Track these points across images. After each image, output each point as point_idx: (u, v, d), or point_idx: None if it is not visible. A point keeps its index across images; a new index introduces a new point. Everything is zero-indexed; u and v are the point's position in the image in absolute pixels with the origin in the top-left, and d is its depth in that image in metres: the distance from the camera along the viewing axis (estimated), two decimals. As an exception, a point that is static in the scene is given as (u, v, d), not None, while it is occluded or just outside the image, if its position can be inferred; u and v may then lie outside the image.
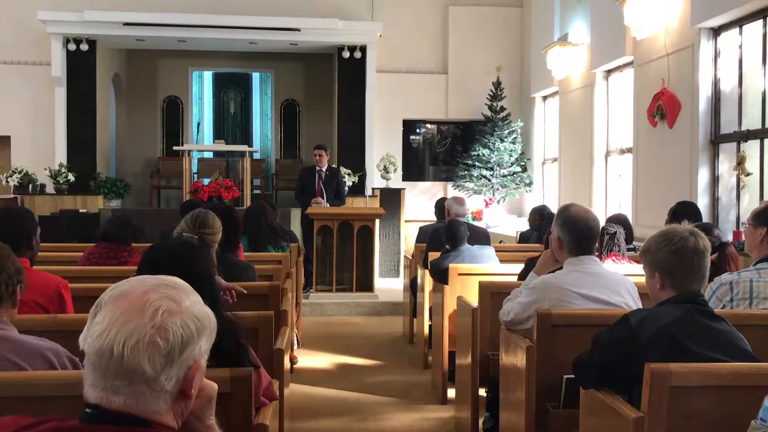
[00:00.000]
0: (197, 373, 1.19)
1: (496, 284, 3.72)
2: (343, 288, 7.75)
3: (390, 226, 9.52)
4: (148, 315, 1.14)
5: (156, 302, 1.16)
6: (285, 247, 5.32)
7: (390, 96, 11.38)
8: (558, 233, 2.88)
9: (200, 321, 1.20)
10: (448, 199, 6.02)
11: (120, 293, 1.18)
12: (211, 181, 9.63)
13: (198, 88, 13.09)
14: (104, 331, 1.13)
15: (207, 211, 3.09)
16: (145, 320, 1.14)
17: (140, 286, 1.19)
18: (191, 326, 1.18)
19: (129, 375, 1.12)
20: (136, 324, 1.14)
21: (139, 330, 1.13)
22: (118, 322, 1.14)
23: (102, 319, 1.15)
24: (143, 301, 1.16)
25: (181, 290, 1.21)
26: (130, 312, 1.15)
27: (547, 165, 10.98)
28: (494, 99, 10.95)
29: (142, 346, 1.13)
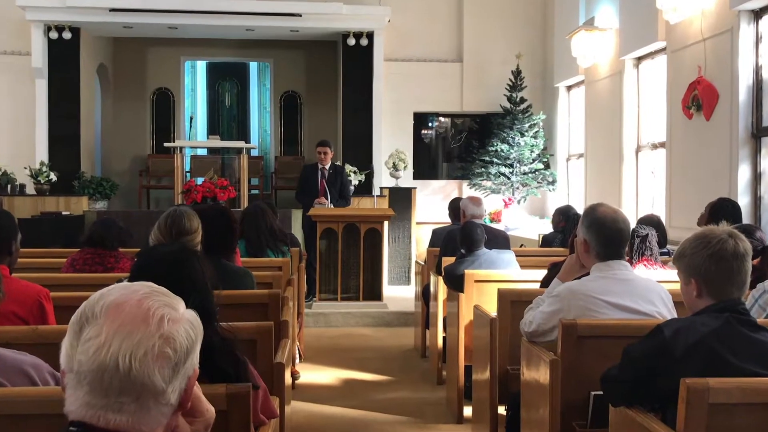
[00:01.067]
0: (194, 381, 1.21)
1: (516, 292, 3.71)
2: (349, 296, 7.75)
3: (400, 229, 9.51)
4: (154, 324, 1.15)
5: (158, 310, 1.17)
6: (286, 252, 5.33)
7: (399, 87, 11.39)
8: (584, 236, 2.87)
9: (195, 327, 1.22)
10: (464, 199, 6.01)
11: (112, 303, 1.17)
12: (205, 181, 9.66)
13: (191, 80, 13.15)
14: (103, 345, 1.13)
15: (180, 213, 3.08)
16: (151, 329, 1.15)
17: (132, 295, 1.19)
18: (191, 334, 1.20)
19: (137, 390, 1.12)
20: (143, 334, 1.14)
21: (146, 340, 1.14)
22: (119, 334, 1.13)
23: (97, 333, 1.14)
24: (144, 310, 1.16)
25: (171, 296, 1.23)
26: (132, 322, 1.15)
27: (572, 161, 10.95)
28: (514, 89, 10.94)
29: (152, 357, 1.13)
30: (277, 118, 12.96)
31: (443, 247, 5.66)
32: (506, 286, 4.07)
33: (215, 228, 3.41)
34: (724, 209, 4.45)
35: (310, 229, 7.93)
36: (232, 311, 2.89)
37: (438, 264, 5.53)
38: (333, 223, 7.70)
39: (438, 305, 5.51)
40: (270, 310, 3.32)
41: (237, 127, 13.34)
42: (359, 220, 7.73)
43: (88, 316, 1.17)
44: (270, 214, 5.37)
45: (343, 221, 7.71)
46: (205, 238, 3.29)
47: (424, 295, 6.25)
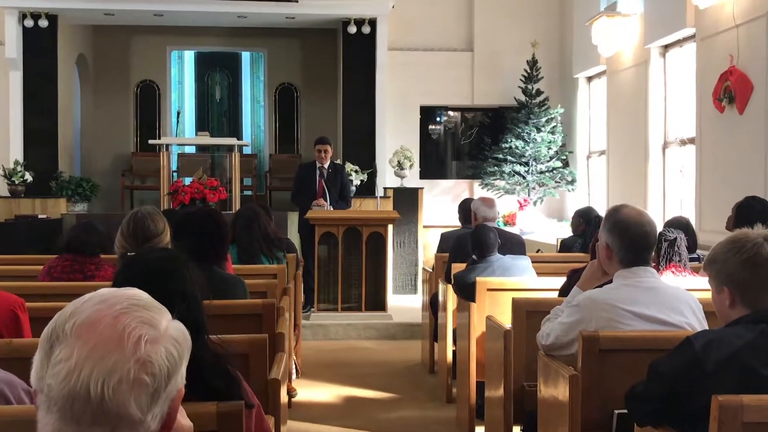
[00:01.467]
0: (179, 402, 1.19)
1: (532, 301, 3.71)
2: (351, 307, 7.75)
3: (405, 233, 9.51)
4: (129, 347, 1.12)
5: (135, 330, 1.14)
6: (281, 259, 5.33)
7: (405, 78, 11.40)
8: (607, 240, 2.87)
9: (180, 344, 1.19)
10: (475, 200, 6.01)
11: (85, 321, 1.14)
12: (194, 181, 9.67)
13: (178, 71, 13.18)
14: (73, 370, 1.10)
15: (142, 215, 3.08)
16: (126, 354, 1.12)
17: (107, 310, 1.16)
18: (174, 353, 1.17)
19: (111, 421, 1.10)
20: (116, 359, 1.11)
21: (120, 366, 1.11)
22: (91, 358, 1.11)
23: (67, 355, 1.11)
24: (118, 330, 1.14)
25: (153, 309, 1.20)
26: (105, 344, 1.12)
27: (592, 159, 10.94)
28: (529, 81, 10.94)
29: (127, 385, 1.10)
30: (271, 113, 12.98)
31: (453, 253, 5.66)
32: (522, 295, 4.06)
33: (204, 232, 3.41)
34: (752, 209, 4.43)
35: (307, 233, 7.93)
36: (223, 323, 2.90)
37: (447, 271, 5.53)
38: (332, 227, 7.71)
39: (447, 316, 5.51)
40: (264, 321, 3.31)
41: (228, 123, 13.36)
42: (361, 224, 7.73)
43: (59, 334, 1.14)
44: (264, 217, 5.37)
45: (343, 225, 7.71)
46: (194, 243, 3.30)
47: (432, 305, 6.24)
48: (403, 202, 9.50)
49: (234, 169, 10.17)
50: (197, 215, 3.52)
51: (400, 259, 9.50)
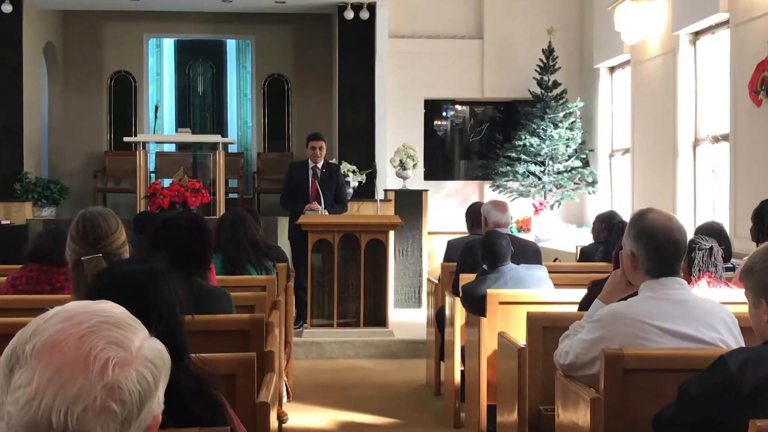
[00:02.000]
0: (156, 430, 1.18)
1: (549, 316, 3.71)
2: (348, 322, 7.75)
3: (408, 240, 9.51)
4: (95, 372, 1.11)
5: (102, 352, 1.13)
6: (270, 269, 5.33)
7: (407, 69, 11.41)
8: (632, 248, 2.87)
9: (156, 365, 1.18)
10: (485, 203, 6.00)
11: (47, 341, 1.13)
12: (173, 183, 9.67)
13: (156, 61, 13.19)
14: (34, 397, 1.09)
15: (90, 215, 3.07)
16: (92, 379, 1.11)
17: (72, 329, 1.15)
18: (148, 376, 1.16)
19: None
20: (81, 384, 1.10)
21: (86, 393, 1.10)
22: (53, 384, 1.10)
23: (28, 380, 1.10)
24: (84, 352, 1.13)
25: (125, 326, 1.19)
26: (69, 368, 1.11)
27: (615, 158, 10.94)
28: (545, 72, 10.95)
29: (92, 414, 1.10)
30: (259, 107, 12.99)
31: (461, 262, 5.66)
32: (537, 308, 4.06)
33: (185, 239, 3.41)
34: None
35: (299, 240, 7.93)
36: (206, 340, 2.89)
37: (455, 282, 5.53)
38: (327, 234, 7.70)
39: (455, 332, 5.50)
40: (252, 338, 3.31)
41: (211, 118, 13.37)
42: (359, 230, 7.73)
43: (19, 355, 1.13)
44: (252, 222, 5.37)
45: (339, 231, 7.71)
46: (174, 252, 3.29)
47: (438, 320, 6.24)
48: (405, 206, 9.49)
49: (218, 170, 10.17)
50: (177, 220, 3.51)
51: (403, 270, 9.49)
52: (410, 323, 8.41)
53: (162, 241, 3.41)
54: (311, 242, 7.69)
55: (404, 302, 9.44)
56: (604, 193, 10.96)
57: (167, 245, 3.35)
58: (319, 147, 8.18)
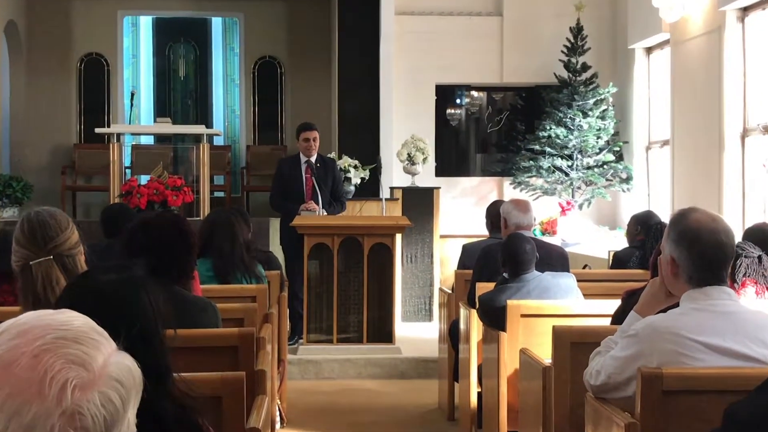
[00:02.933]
0: None
1: (578, 330, 3.71)
2: (349, 338, 7.75)
3: (418, 245, 9.50)
4: (52, 396, 1.10)
5: (59, 373, 1.11)
6: (262, 277, 5.34)
7: (417, 50, 11.41)
8: (672, 253, 2.87)
9: (123, 384, 1.17)
10: (506, 203, 6.00)
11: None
12: (152, 180, 9.69)
13: (132, 42, 13.21)
14: None
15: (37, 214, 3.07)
16: (48, 405, 1.09)
17: (26, 347, 1.13)
18: (114, 398, 1.15)
19: None
20: (37, 412, 1.09)
21: (42, 421, 1.08)
22: (5, 411, 1.08)
23: None
24: (39, 374, 1.11)
25: (86, 341, 1.18)
26: (22, 392, 1.09)
27: (653, 151, 10.93)
28: (573, 53, 10.94)
29: None
30: (249, 94, 13.00)
31: (478, 269, 5.66)
32: (565, 322, 4.06)
33: (166, 244, 3.42)
34: None
35: (294, 245, 7.93)
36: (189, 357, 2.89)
37: (470, 292, 5.52)
38: (326, 237, 7.70)
39: (470, 349, 5.50)
40: (240, 355, 3.32)
41: (195, 107, 13.38)
42: (362, 233, 7.73)
43: None
44: (241, 225, 5.38)
45: (339, 234, 7.71)
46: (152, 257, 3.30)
47: (452, 335, 6.24)
48: (414, 206, 9.49)
49: (202, 165, 10.18)
50: (157, 222, 3.52)
51: (412, 278, 9.48)
52: (420, 339, 8.40)
53: (139, 246, 3.41)
54: (307, 247, 7.69)
55: (413, 315, 9.44)
56: (640, 190, 10.94)
57: (145, 251, 3.35)
58: (312, 138, 8.17)
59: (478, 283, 5.35)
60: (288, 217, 7.95)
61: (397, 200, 9.74)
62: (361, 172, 10.30)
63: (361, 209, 9.75)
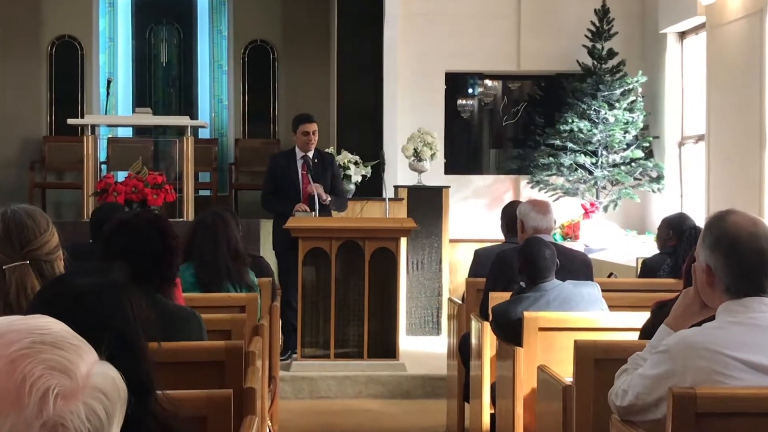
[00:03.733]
0: None
1: (603, 345, 3.71)
2: (348, 352, 7.74)
3: (425, 250, 9.50)
4: (32, 406, 1.10)
5: (40, 380, 1.11)
6: (252, 285, 5.34)
7: (424, 35, 11.40)
8: (707, 260, 2.86)
9: (108, 397, 1.17)
10: (523, 203, 6.00)
11: None
12: (130, 176, 9.69)
13: (109, 24, 13.21)
14: None
15: (14, 212, 3.08)
16: (28, 415, 1.09)
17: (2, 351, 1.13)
18: (99, 411, 1.15)
19: None
20: (14, 423, 1.09)
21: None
22: None
23: None
24: (16, 381, 1.11)
25: (67, 347, 1.18)
26: None
27: (686, 147, 10.92)
28: (598, 38, 10.93)
29: None
30: (238, 82, 13.00)
31: (492, 277, 5.65)
32: (587, 336, 4.06)
33: (145, 247, 3.42)
34: None
35: (287, 249, 7.93)
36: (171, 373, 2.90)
37: (483, 303, 5.52)
38: (323, 241, 7.70)
39: (483, 366, 5.50)
40: (227, 371, 3.33)
41: (178, 96, 13.39)
42: (363, 236, 7.73)
43: None
44: (231, 227, 5.38)
45: (338, 237, 7.71)
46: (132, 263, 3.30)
47: (462, 350, 6.24)
48: (421, 207, 9.49)
49: (186, 160, 10.18)
50: (135, 223, 3.52)
51: (418, 287, 9.48)
52: (426, 354, 8.40)
53: (116, 249, 3.41)
54: (302, 251, 7.69)
55: (419, 328, 9.43)
56: (672, 191, 10.93)
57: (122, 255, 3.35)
58: (312, 131, 8.17)
59: (492, 292, 5.34)
60: (281, 219, 7.95)
61: (401, 200, 9.74)
62: (362, 170, 10.31)
63: (362, 210, 9.75)
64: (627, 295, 5.39)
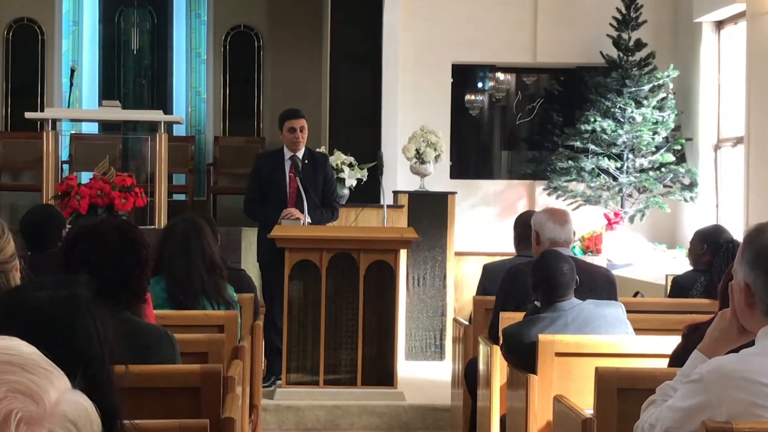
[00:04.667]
0: None
1: (627, 373, 3.72)
2: (339, 379, 7.74)
3: (428, 263, 9.50)
4: None
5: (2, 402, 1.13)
6: (232, 301, 5.34)
7: (428, 22, 11.42)
8: (746, 278, 2.86)
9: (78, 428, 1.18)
10: (538, 213, 6.00)
11: None
12: (95, 177, 9.68)
13: (73, 5, 13.20)
14: None
15: None
16: None
17: None
18: None
19: None
20: None
21: None
22: None
23: None
24: None
25: (36, 370, 1.19)
26: None
27: (723, 150, 10.92)
28: (624, 27, 10.95)
29: None
30: (218, 73, 13.00)
31: (502, 296, 5.67)
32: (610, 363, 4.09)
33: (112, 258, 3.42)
34: None
35: (272, 262, 7.93)
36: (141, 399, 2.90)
37: (493, 324, 5.53)
38: (313, 252, 7.70)
39: (492, 395, 5.51)
40: (204, 399, 3.33)
41: (151, 87, 13.39)
42: (358, 247, 7.72)
43: None
44: (208, 236, 5.37)
45: (330, 249, 7.70)
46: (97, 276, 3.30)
47: (469, 377, 6.24)
48: (424, 215, 9.49)
49: (159, 160, 10.18)
50: (101, 230, 3.52)
51: (419, 305, 9.48)
52: (428, 382, 8.40)
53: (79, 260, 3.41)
54: (289, 264, 7.68)
55: (420, 352, 9.43)
56: (707, 200, 10.93)
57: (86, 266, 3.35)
58: (300, 128, 8.16)
59: (503, 312, 5.35)
60: (267, 227, 7.95)
61: (401, 208, 9.74)
62: (358, 172, 10.31)
63: (356, 218, 9.75)
64: (655, 317, 5.40)
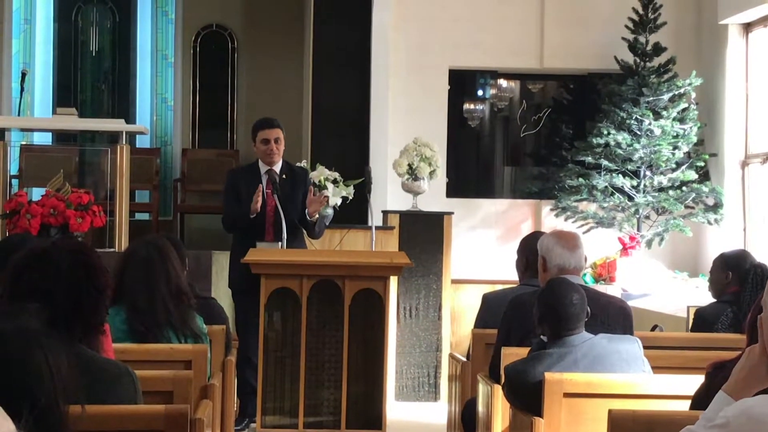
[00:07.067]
0: None
1: (644, 416, 3.73)
2: (321, 422, 7.73)
3: (421, 292, 9.50)
4: None
5: None
6: (200, 334, 5.34)
7: (423, 23, 11.45)
8: (777, 310, 2.87)
9: None
10: (545, 236, 6.00)
11: None
12: (48, 194, 9.67)
13: (24, 2, 13.20)
14: None
15: None
16: None
17: None
18: None
19: None
20: None
21: None
22: None
23: None
24: None
25: None
26: None
27: (751, 168, 10.95)
28: (641, 30, 10.98)
29: None
30: (187, 78, 13.01)
31: (504, 329, 5.67)
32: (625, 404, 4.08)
33: (65, 285, 3.41)
34: None
35: (246, 289, 7.93)
36: None
37: (494, 361, 5.53)
38: (292, 279, 7.69)
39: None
40: (169, 444, 3.31)
41: (111, 94, 13.38)
42: (343, 274, 7.72)
43: None
44: (173, 260, 5.36)
45: (311, 275, 7.70)
46: (47, 303, 3.29)
47: (467, 420, 6.24)
48: (417, 238, 9.50)
49: (119, 176, 10.17)
50: (54, 254, 3.51)
51: (411, 339, 9.48)
52: (421, 425, 8.42)
53: (28, 287, 3.39)
54: (266, 293, 7.68)
55: (412, 391, 9.43)
56: (733, 222, 10.96)
57: (36, 295, 3.33)
58: (274, 138, 8.17)
59: (505, 348, 5.36)
60: (240, 250, 7.93)
61: (392, 229, 9.75)
62: (343, 190, 10.30)
63: (341, 241, 9.75)
64: (676, 354, 5.41)
